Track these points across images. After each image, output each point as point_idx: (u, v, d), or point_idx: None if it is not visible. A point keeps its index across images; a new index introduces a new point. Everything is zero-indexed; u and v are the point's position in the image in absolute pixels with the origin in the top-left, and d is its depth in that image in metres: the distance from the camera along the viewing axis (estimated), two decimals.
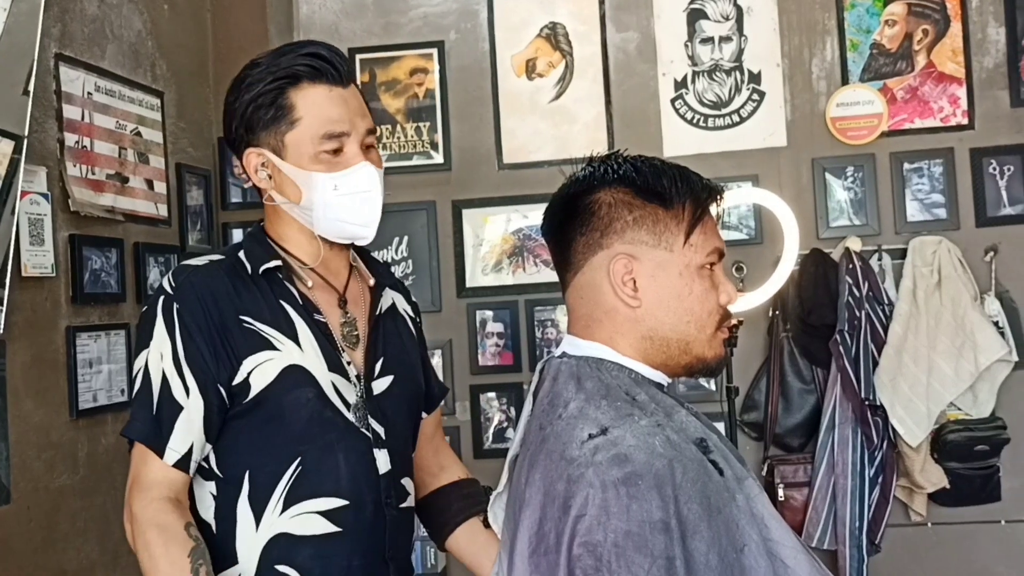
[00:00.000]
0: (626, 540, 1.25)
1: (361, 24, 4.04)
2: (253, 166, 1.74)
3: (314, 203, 1.71)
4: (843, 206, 3.84)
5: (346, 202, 1.72)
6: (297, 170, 1.70)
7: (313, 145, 1.69)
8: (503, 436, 3.89)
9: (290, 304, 1.73)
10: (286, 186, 1.73)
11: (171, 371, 1.63)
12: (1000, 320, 3.67)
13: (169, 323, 1.65)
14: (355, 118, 1.73)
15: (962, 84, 3.81)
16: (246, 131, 1.73)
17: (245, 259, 1.74)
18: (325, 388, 1.70)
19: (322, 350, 1.72)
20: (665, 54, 3.93)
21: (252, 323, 1.68)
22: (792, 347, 3.76)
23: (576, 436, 1.34)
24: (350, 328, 1.79)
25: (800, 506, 3.68)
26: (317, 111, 1.70)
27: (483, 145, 3.98)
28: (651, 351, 1.45)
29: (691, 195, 1.45)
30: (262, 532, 1.67)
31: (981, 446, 3.65)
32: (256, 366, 1.66)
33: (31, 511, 2.62)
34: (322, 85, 1.71)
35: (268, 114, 1.70)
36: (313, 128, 1.69)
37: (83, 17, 3.00)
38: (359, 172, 1.72)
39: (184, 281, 1.69)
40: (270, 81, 1.70)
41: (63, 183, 2.80)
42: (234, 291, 1.69)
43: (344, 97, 1.73)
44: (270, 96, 1.70)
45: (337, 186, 1.70)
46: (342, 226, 1.74)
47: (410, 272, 3.95)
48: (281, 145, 1.71)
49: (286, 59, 1.72)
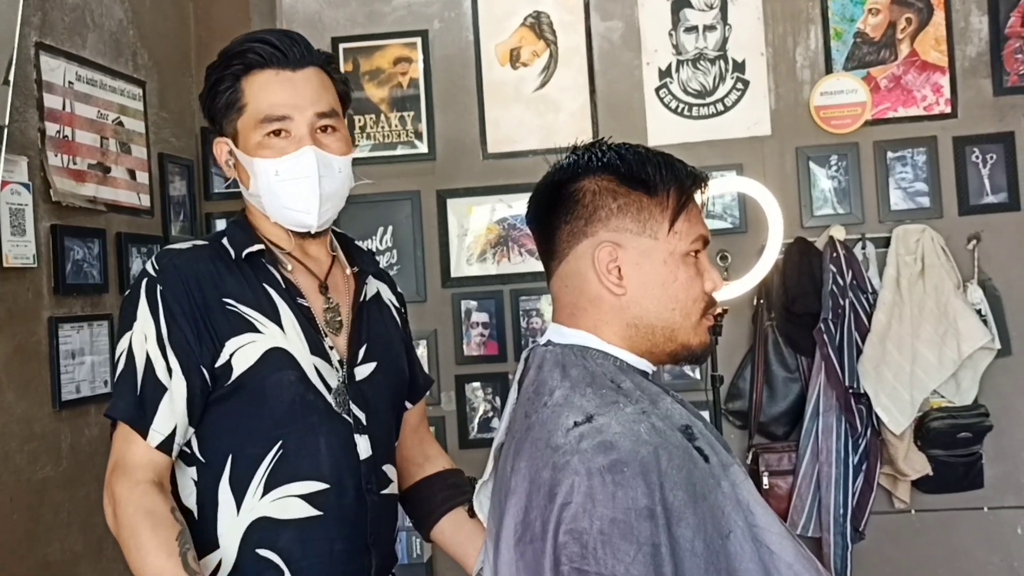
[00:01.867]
0: (612, 527, 1.25)
1: (344, 13, 4.02)
2: (223, 156, 1.77)
3: (260, 189, 1.72)
4: (827, 195, 3.85)
5: (287, 188, 1.71)
6: (246, 157, 1.72)
7: (256, 131, 1.71)
8: (489, 426, 3.89)
9: (273, 287, 1.73)
10: (242, 172, 1.76)
11: (155, 352, 1.63)
12: (983, 308, 3.69)
13: (153, 305, 1.65)
14: (301, 102, 1.72)
15: (945, 73, 3.82)
16: (211, 121, 1.77)
17: (228, 244, 1.74)
18: (307, 371, 1.69)
19: (305, 334, 1.71)
20: (649, 43, 3.93)
21: (235, 306, 1.68)
22: (776, 336, 3.77)
23: (561, 424, 1.34)
24: (333, 314, 1.79)
25: (785, 494, 3.70)
26: (260, 96, 1.71)
27: (467, 135, 3.97)
28: (636, 339, 1.45)
29: (675, 182, 1.45)
30: (243, 516, 1.66)
31: (964, 433, 3.67)
32: (239, 348, 1.66)
33: (14, 503, 2.61)
34: (269, 70, 1.72)
35: (222, 101, 1.73)
36: (255, 113, 1.71)
37: (64, 6, 2.97)
38: (299, 157, 1.70)
39: (168, 264, 1.69)
40: (223, 70, 1.73)
41: (44, 173, 2.78)
42: (217, 274, 1.69)
43: (292, 80, 1.72)
44: (225, 84, 1.72)
45: (278, 171, 1.71)
46: (286, 212, 1.74)
47: (395, 262, 3.94)
48: (236, 132, 1.74)
49: (240, 48, 1.73)
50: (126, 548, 1.59)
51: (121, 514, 1.59)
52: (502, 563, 1.37)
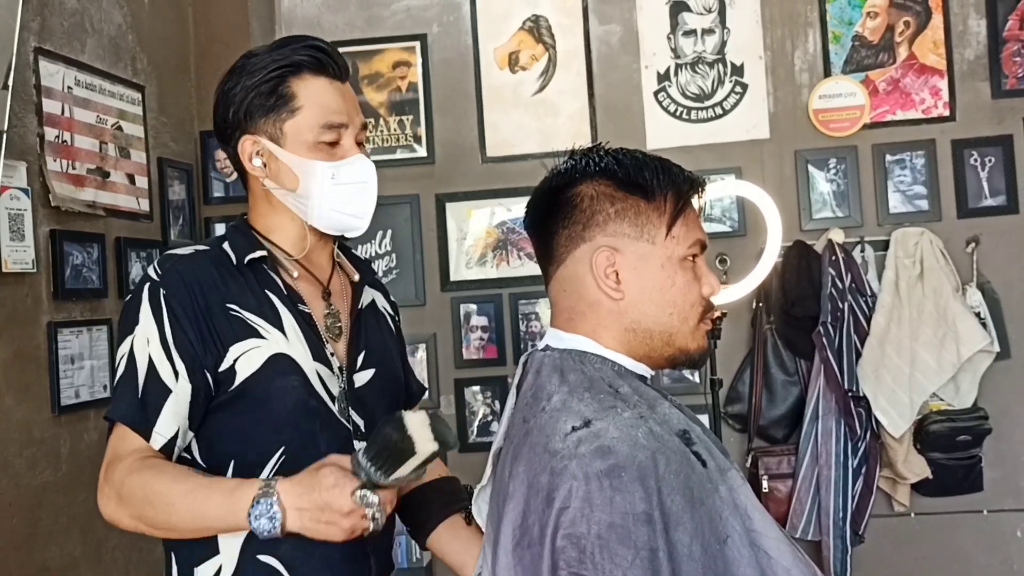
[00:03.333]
0: (609, 532, 1.25)
1: (343, 17, 4.03)
2: (248, 153, 1.74)
3: (311, 191, 1.73)
4: (826, 198, 3.85)
5: (343, 192, 1.74)
6: (296, 158, 1.72)
7: (313, 134, 1.71)
8: (488, 430, 3.89)
9: (275, 294, 1.73)
10: (282, 174, 1.74)
11: (159, 355, 1.63)
12: (982, 311, 3.69)
13: (156, 309, 1.64)
14: (352, 112, 1.77)
15: (943, 76, 3.82)
16: (245, 117, 1.73)
17: (230, 250, 1.74)
18: (310, 377, 1.70)
19: (307, 340, 1.72)
20: (648, 47, 3.93)
21: (239, 311, 1.68)
22: (775, 339, 3.78)
23: (559, 429, 1.34)
24: (334, 320, 1.79)
25: (784, 497, 3.70)
26: (319, 101, 1.72)
27: (466, 138, 3.98)
28: (634, 343, 1.45)
29: (673, 187, 1.45)
30: None
31: (963, 436, 3.67)
32: (242, 353, 1.66)
33: (13, 508, 2.61)
34: (323, 77, 1.74)
35: (269, 101, 1.71)
36: (314, 117, 1.72)
37: (63, 11, 2.98)
38: (357, 163, 1.75)
39: (170, 268, 1.69)
40: (273, 69, 1.71)
41: (43, 178, 2.78)
42: (220, 280, 1.69)
43: (342, 91, 1.76)
44: (271, 84, 1.71)
45: (335, 175, 1.73)
46: (338, 216, 1.75)
47: (394, 266, 3.94)
48: (280, 133, 1.72)
49: (289, 49, 1.73)
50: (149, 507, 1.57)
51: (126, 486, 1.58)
52: (500, 568, 1.37)
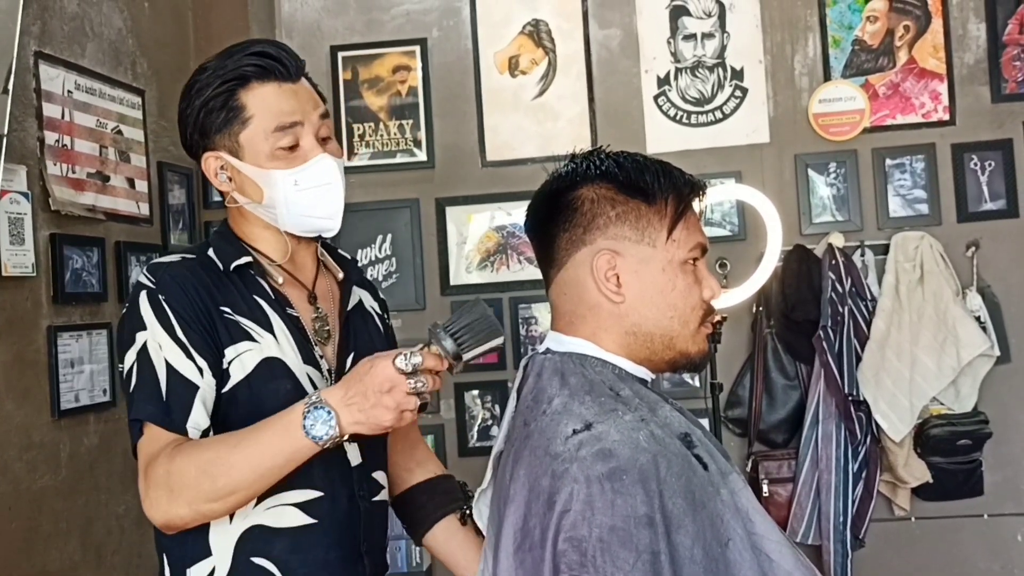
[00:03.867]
0: (611, 535, 1.25)
1: (343, 22, 4.03)
2: (212, 170, 1.74)
3: (276, 201, 1.71)
4: (826, 202, 3.85)
5: (308, 196, 1.72)
6: (256, 169, 1.70)
7: (268, 142, 1.69)
8: (488, 434, 3.89)
9: (263, 299, 1.73)
10: (247, 186, 1.73)
11: (176, 356, 1.62)
12: (982, 315, 3.69)
13: (160, 314, 1.63)
14: (306, 108, 1.73)
15: (943, 80, 3.83)
16: (200, 136, 1.73)
17: (215, 257, 1.74)
18: (301, 381, 1.69)
19: (296, 344, 1.72)
20: (648, 51, 3.93)
21: (232, 314, 1.68)
22: (776, 343, 3.77)
23: (560, 432, 1.34)
24: (322, 323, 1.79)
25: (784, 501, 3.70)
26: (267, 107, 1.69)
27: (466, 142, 3.98)
28: (635, 346, 1.45)
29: (674, 191, 1.45)
30: (236, 524, 1.65)
31: (964, 441, 3.67)
32: (236, 356, 1.66)
33: (12, 512, 2.61)
34: (271, 83, 1.71)
35: (220, 117, 1.70)
36: (265, 123, 1.69)
37: (63, 15, 2.98)
38: (318, 164, 1.71)
39: (163, 276, 1.68)
40: (219, 84, 1.70)
41: (43, 182, 2.78)
42: (211, 284, 1.69)
43: (294, 91, 1.73)
44: (221, 99, 1.70)
45: (297, 181, 1.70)
46: (308, 220, 1.74)
47: (394, 270, 3.94)
48: (237, 145, 1.71)
49: (233, 60, 1.71)
50: (207, 479, 1.54)
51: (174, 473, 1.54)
52: (501, 571, 1.37)
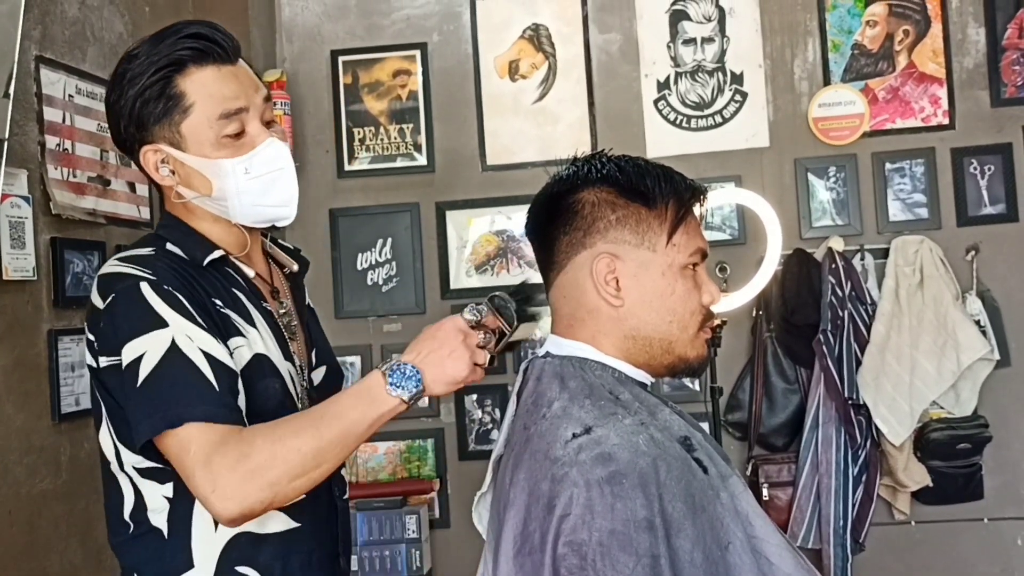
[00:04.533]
0: (611, 539, 1.25)
1: (344, 26, 4.03)
2: (152, 164, 1.63)
3: (227, 191, 1.62)
4: (825, 206, 3.85)
5: (260, 184, 1.63)
6: (202, 160, 1.60)
7: (212, 129, 1.59)
8: (488, 438, 3.88)
9: (242, 292, 1.65)
10: (193, 179, 1.63)
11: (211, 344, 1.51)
12: (982, 319, 3.69)
13: (176, 304, 1.52)
14: (249, 92, 1.63)
15: (943, 84, 3.83)
16: (138, 128, 1.61)
17: (180, 252, 1.63)
18: (286, 378, 1.64)
19: (276, 339, 1.66)
20: (648, 55, 3.94)
21: (223, 308, 1.60)
22: (776, 347, 3.77)
23: (560, 435, 1.34)
24: (289, 318, 1.73)
25: (784, 505, 3.69)
26: (208, 92, 1.59)
27: (466, 146, 3.98)
28: (634, 350, 1.45)
29: (674, 195, 1.45)
30: (222, 532, 1.58)
31: (964, 444, 3.67)
32: (233, 350, 1.57)
33: (13, 516, 2.61)
34: (209, 66, 1.60)
35: (158, 107, 1.59)
36: (208, 111, 1.59)
37: (64, 19, 2.98)
38: (268, 149, 1.63)
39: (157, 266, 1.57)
40: (153, 72, 1.58)
41: (44, 186, 2.78)
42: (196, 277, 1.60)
43: (234, 73, 1.63)
44: (157, 88, 1.58)
45: (248, 169, 1.61)
46: (261, 210, 1.66)
47: (394, 274, 3.94)
48: (179, 136, 1.60)
49: (166, 45, 1.59)
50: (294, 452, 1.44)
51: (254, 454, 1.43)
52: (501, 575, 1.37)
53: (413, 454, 3.90)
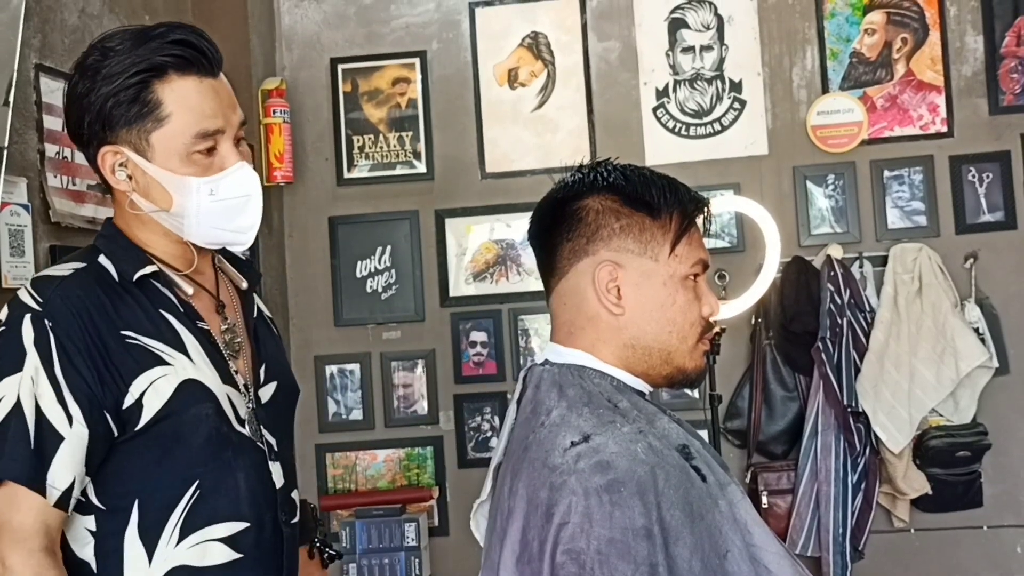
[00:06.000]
0: (609, 547, 1.25)
1: (343, 34, 4.04)
2: (109, 166, 1.54)
3: (187, 210, 1.54)
4: (824, 214, 3.85)
5: (223, 208, 1.55)
6: (167, 174, 1.52)
7: (186, 146, 1.51)
8: (487, 445, 3.88)
9: (171, 313, 1.55)
10: (152, 190, 1.54)
11: (48, 399, 1.43)
12: (980, 326, 3.69)
13: (41, 344, 1.44)
14: (228, 112, 1.56)
15: (941, 92, 3.84)
16: (103, 127, 1.52)
17: (110, 265, 1.55)
18: (222, 402, 1.54)
19: (212, 360, 1.56)
20: (646, 63, 3.94)
21: (136, 338, 1.49)
22: (775, 354, 3.77)
23: (558, 444, 1.34)
24: (232, 335, 1.64)
25: (784, 513, 3.69)
26: (189, 106, 1.52)
27: (466, 154, 3.98)
28: (633, 359, 1.45)
29: (679, 206, 1.46)
30: (156, 567, 1.49)
31: (963, 452, 3.67)
32: (149, 385, 1.47)
33: None
34: (192, 76, 1.53)
35: (132, 111, 1.51)
36: (186, 126, 1.51)
37: (63, 28, 2.99)
38: (237, 175, 1.55)
39: (53, 295, 1.48)
40: (132, 74, 1.50)
41: (44, 194, 2.78)
42: (110, 304, 1.50)
43: (215, 88, 1.55)
44: (133, 90, 1.50)
45: (213, 191, 1.53)
46: (218, 233, 1.58)
47: (393, 282, 3.94)
48: (146, 145, 1.52)
49: (150, 47, 1.51)
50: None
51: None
52: None
53: (412, 462, 3.90)
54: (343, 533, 3.65)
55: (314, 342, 3.95)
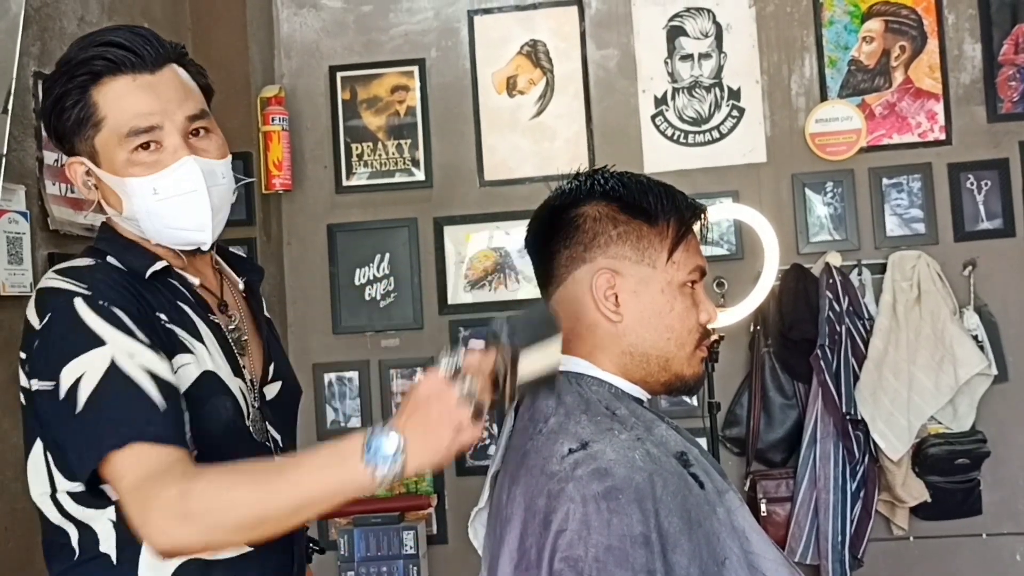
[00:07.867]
0: (607, 555, 1.25)
1: (342, 42, 4.04)
2: (79, 178, 1.56)
3: (136, 212, 1.52)
4: (823, 221, 3.85)
5: (169, 206, 1.51)
6: (113, 177, 1.51)
7: (121, 147, 1.50)
8: (485, 453, 3.87)
9: (187, 305, 1.56)
10: (109, 196, 1.55)
11: (154, 361, 1.42)
12: (979, 334, 3.69)
13: (113, 320, 1.43)
14: (169, 106, 1.51)
15: (939, 100, 3.84)
16: (58, 140, 1.55)
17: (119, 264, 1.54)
18: (237, 396, 1.55)
19: (225, 354, 1.57)
20: (645, 71, 3.95)
21: (168, 323, 1.50)
22: (773, 362, 3.77)
23: (556, 451, 1.34)
24: (239, 332, 1.64)
25: (783, 521, 3.69)
26: (120, 107, 1.49)
27: (464, 162, 3.98)
28: (631, 367, 1.45)
29: (676, 213, 1.46)
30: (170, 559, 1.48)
31: (962, 460, 3.66)
32: (179, 368, 1.48)
33: (9, 532, 2.60)
34: (123, 76, 1.50)
35: (71, 118, 1.51)
36: (117, 127, 1.49)
37: (62, 36, 2.99)
38: (179, 170, 1.50)
39: (93, 279, 1.48)
40: (68, 81, 1.50)
41: (42, 202, 2.79)
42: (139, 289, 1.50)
43: (153, 84, 1.51)
44: (72, 98, 1.50)
45: (156, 189, 1.50)
46: (174, 232, 1.55)
47: (392, 289, 3.94)
48: (94, 151, 1.52)
49: (83, 54, 1.51)
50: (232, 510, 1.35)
51: (193, 498, 1.33)
52: None
53: None
54: (341, 541, 3.64)
55: (312, 350, 3.94)
